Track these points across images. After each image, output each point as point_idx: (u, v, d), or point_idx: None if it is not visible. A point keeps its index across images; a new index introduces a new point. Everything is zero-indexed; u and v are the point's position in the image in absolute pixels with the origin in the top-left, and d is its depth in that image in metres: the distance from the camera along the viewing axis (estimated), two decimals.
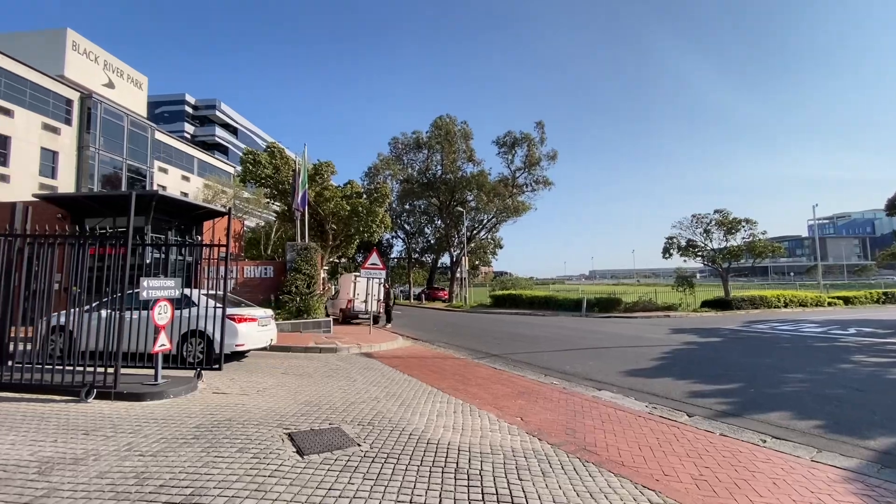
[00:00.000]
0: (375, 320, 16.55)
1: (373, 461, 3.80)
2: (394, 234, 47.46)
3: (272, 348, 10.54)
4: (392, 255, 52.61)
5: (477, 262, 51.91)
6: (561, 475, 3.66)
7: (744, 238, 26.59)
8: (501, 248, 48.44)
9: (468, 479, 3.48)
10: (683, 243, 27.77)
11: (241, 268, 15.41)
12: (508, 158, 41.50)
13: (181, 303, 7.30)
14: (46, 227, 6.54)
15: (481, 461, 3.88)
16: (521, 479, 3.53)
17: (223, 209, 15.85)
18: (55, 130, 28.92)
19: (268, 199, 25.57)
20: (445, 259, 49.70)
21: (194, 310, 8.01)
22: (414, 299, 46.37)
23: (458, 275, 40.79)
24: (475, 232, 43.99)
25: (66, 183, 29.12)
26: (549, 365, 9.25)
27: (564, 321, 19.88)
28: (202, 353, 7.78)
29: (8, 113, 26.06)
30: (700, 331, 15.10)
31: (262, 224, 35.22)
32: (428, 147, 41.37)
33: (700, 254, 27.55)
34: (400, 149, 42.98)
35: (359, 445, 4.17)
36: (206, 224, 15.58)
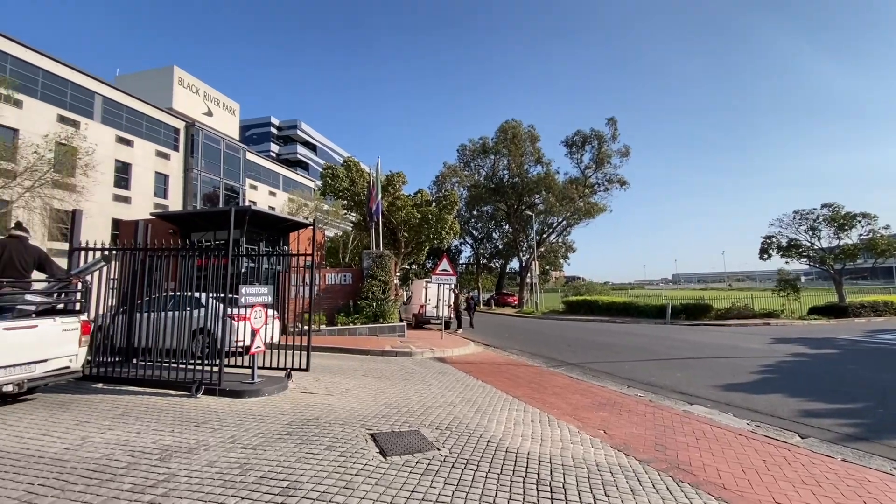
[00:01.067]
0: (447, 325, 16.76)
1: (453, 466, 3.81)
2: (462, 240, 47.90)
3: (352, 351, 11.08)
4: (460, 261, 53.07)
5: (547, 267, 50.65)
6: (652, 494, 3.41)
7: (861, 235, 23.18)
8: (574, 251, 46.87)
9: (551, 492, 3.36)
10: (784, 243, 24.85)
11: (323, 275, 16.41)
12: (577, 158, 40.19)
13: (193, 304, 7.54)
14: (163, 241, 7.48)
15: (564, 474, 3.74)
16: (608, 496, 3.34)
17: (307, 221, 17.02)
18: (166, 156, 33.07)
19: (345, 210, 27.04)
20: (514, 264, 49.16)
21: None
22: (483, 305, 46.32)
23: (527, 280, 40.10)
24: (545, 236, 42.96)
25: (174, 201, 33.12)
26: (631, 375, 8.72)
27: (647, 329, 18.66)
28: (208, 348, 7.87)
29: (129, 143, 30.28)
30: (809, 341, 13.37)
31: (340, 234, 37.31)
32: (494, 152, 41.36)
33: (805, 254, 24.47)
34: (467, 155, 43.42)
35: (438, 450, 4.21)
36: (292, 235, 16.83)
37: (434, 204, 25.10)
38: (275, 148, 68.96)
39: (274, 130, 71.08)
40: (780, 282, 23.55)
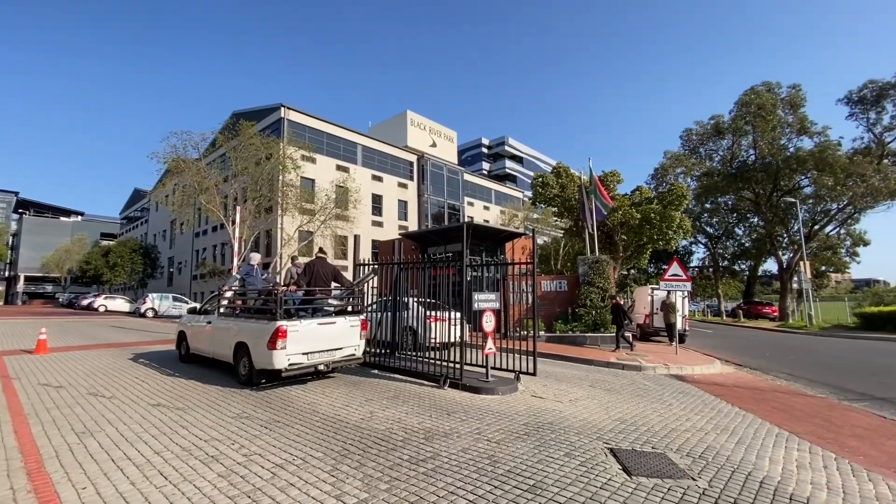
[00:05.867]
0: (681, 339, 14.67)
1: (716, 502, 3.28)
2: (693, 238, 41.30)
3: (574, 359, 10.87)
4: (691, 264, 45.89)
5: (823, 268, 38.86)
6: None
7: None
8: (866, 245, 34.52)
9: None
10: None
11: (539, 282, 16.74)
12: (869, 118, 29.63)
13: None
14: (409, 256, 9.01)
15: None
16: None
17: (521, 231, 17.75)
18: (405, 186, 39.84)
19: (556, 218, 27.04)
20: (769, 265, 39.56)
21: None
22: (727, 316, 38.70)
23: (792, 285, 31.45)
24: (816, 227, 32.95)
25: (412, 222, 39.47)
26: None
27: None
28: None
29: (380, 179, 37.74)
30: None
31: (549, 241, 37.46)
32: (732, 131, 34.00)
33: None
34: (695, 140, 37.03)
35: (693, 480, 3.70)
36: (507, 245, 17.80)
37: (656, 201, 22.54)
38: (486, 165, 74.92)
39: (484, 150, 77.37)
40: None
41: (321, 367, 7.05)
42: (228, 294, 8.53)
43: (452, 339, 10.09)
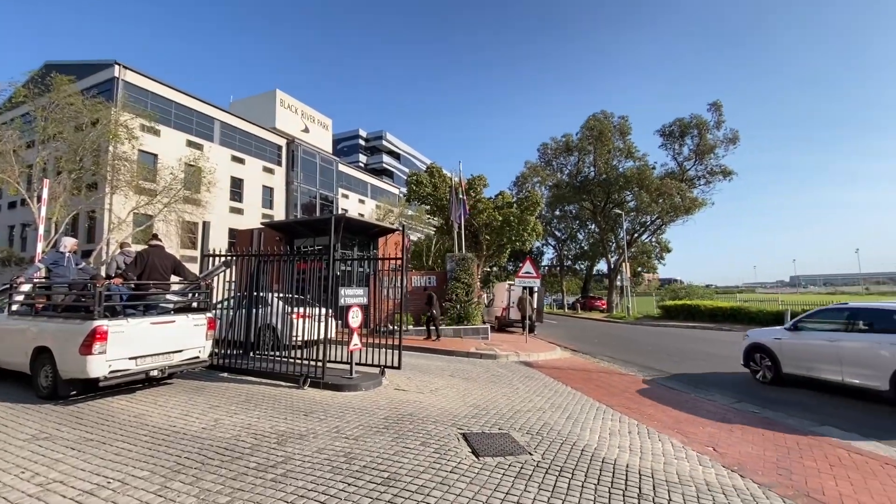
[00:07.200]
0: (531, 329, 16.45)
1: (546, 472, 3.75)
2: (545, 241, 46.60)
3: (438, 351, 11.35)
4: (542, 263, 51.70)
5: (639, 269, 47.35)
6: None
7: None
8: (669, 251, 43.21)
9: None
10: None
11: (410, 278, 17.06)
12: (675, 149, 37.10)
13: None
14: (271, 248, 8.35)
15: (669, 490, 3.49)
16: None
17: (394, 227, 17.85)
18: (271, 171, 36.76)
19: (429, 216, 27.83)
20: (602, 266, 46.73)
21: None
22: (568, 308, 44.64)
23: (617, 283, 37.85)
24: (636, 235, 40.21)
25: (278, 211, 36.64)
26: (742, 390, 7.85)
27: None
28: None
29: (241, 161, 34.16)
30: None
31: (423, 237, 38.50)
32: (579, 149, 39.64)
33: None
34: (549, 154, 42.17)
35: (530, 454, 4.17)
36: (380, 240, 17.75)
37: (515, 205, 24.83)
38: (363, 158, 73.39)
39: (362, 142, 75.70)
40: None
41: (155, 373, 6.10)
42: (25, 287, 6.80)
43: (318, 337, 9.71)
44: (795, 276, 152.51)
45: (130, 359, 5.78)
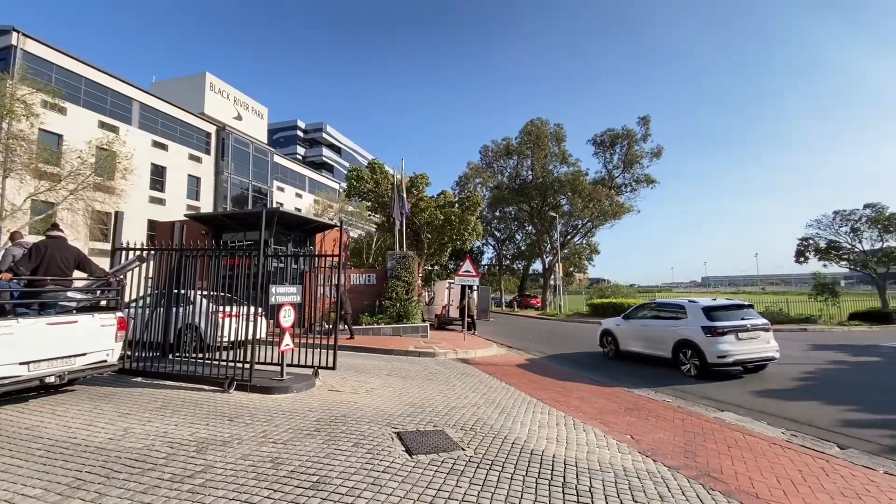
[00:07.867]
0: (470, 327, 16.74)
1: (478, 466, 3.84)
2: (485, 241, 47.69)
3: (377, 350, 11.19)
4: (483, 262, 52.87)
5: (571, 269, 49.99)
6: (682, 501, 3.35)
7: None
8: (598, 253, 46.12)
9: (577, 495, 3.35)
10: (823, 245, 23.84)
11: (349, 275, 16.67)
12: (606, 157, 39.47)
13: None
14: (197, 242, 7.77)
15: (590, 477, 3.71)
16: (635, 501, 3.30)
17: (333, 223, 17.33)
18: (198, 160, 34.23)
19: (370, 212, 27.39)
20: (537, 266, 48.69)
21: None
22: (506, 307, 46.00)
23: (551, 282, 39.64)
24: (569, 237, 42.29)
25: (206, 203, 34.21)
26: (659, 381, 8.55)
27: None
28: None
29: (164, 147, 31.49)
30: (850, 348, 12.77)
31: (363, 234, 37.80)
32: (518, 153, 40.95)
33: (846, 257, 23.43)
34: (490, 156, 43.16)
35: (463, 450, 4.24)
36: (318, 236, 17.17)
37: (457, 205, 25.18)
38: (301, 151, 70.35)
39: (300, 133, 72.52)
40: (817, 286, 22.53)
41: (51, 380, 5.43)
42: None
43: (247, 337, 9.16)
44: (706, 277, 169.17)
45: (21, 364, 5.10)
